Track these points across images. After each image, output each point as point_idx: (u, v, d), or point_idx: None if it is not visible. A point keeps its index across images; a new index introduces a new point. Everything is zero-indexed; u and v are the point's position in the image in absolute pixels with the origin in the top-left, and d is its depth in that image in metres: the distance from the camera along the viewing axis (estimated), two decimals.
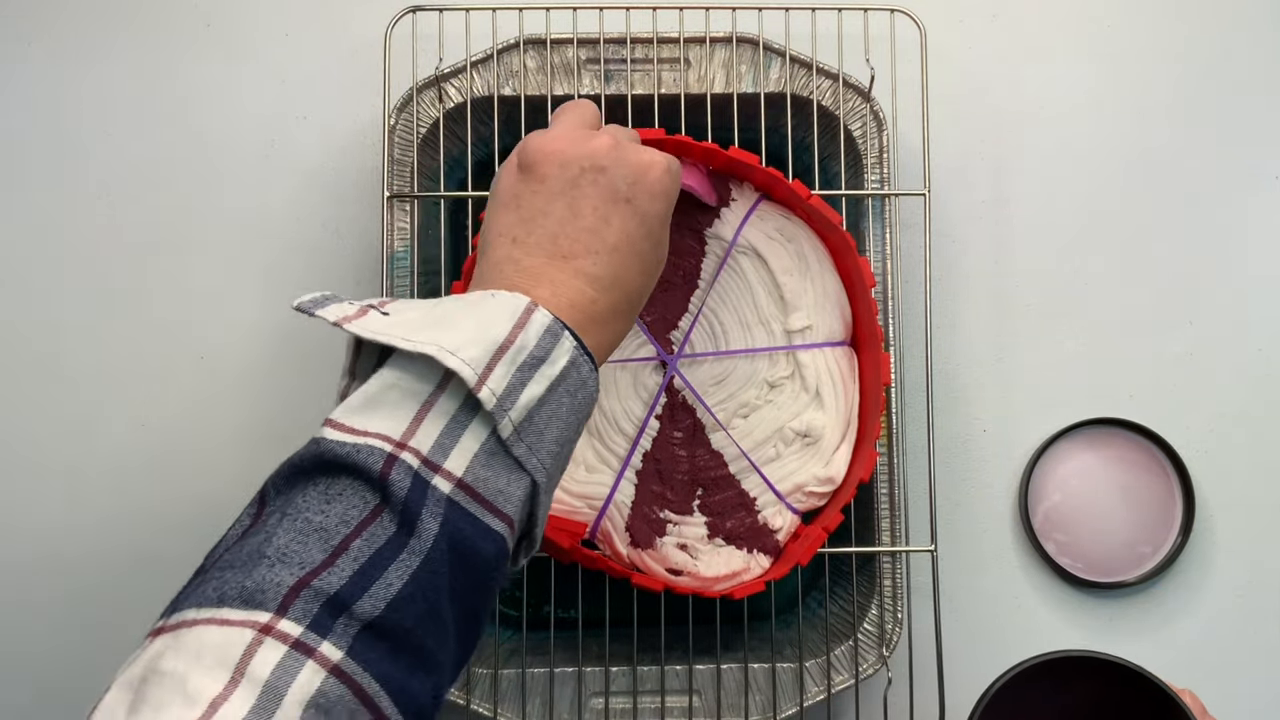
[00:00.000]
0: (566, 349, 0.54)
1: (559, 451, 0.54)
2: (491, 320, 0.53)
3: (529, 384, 0.52)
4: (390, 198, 0.78)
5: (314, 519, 0.49)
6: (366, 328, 0.52)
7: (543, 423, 0.53)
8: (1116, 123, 0.87)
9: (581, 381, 0.55)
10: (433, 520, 0.49)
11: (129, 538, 0.83)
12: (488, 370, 0.51)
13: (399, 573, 0.48)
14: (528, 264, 0.57)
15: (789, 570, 0.74)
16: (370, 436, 0.50)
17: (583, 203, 0.58)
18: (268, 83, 0.86)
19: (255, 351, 0.84)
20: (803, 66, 0.80)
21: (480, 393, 0.50)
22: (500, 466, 0.51)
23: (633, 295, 0.60)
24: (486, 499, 0.51)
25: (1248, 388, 0.85)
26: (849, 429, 0.77)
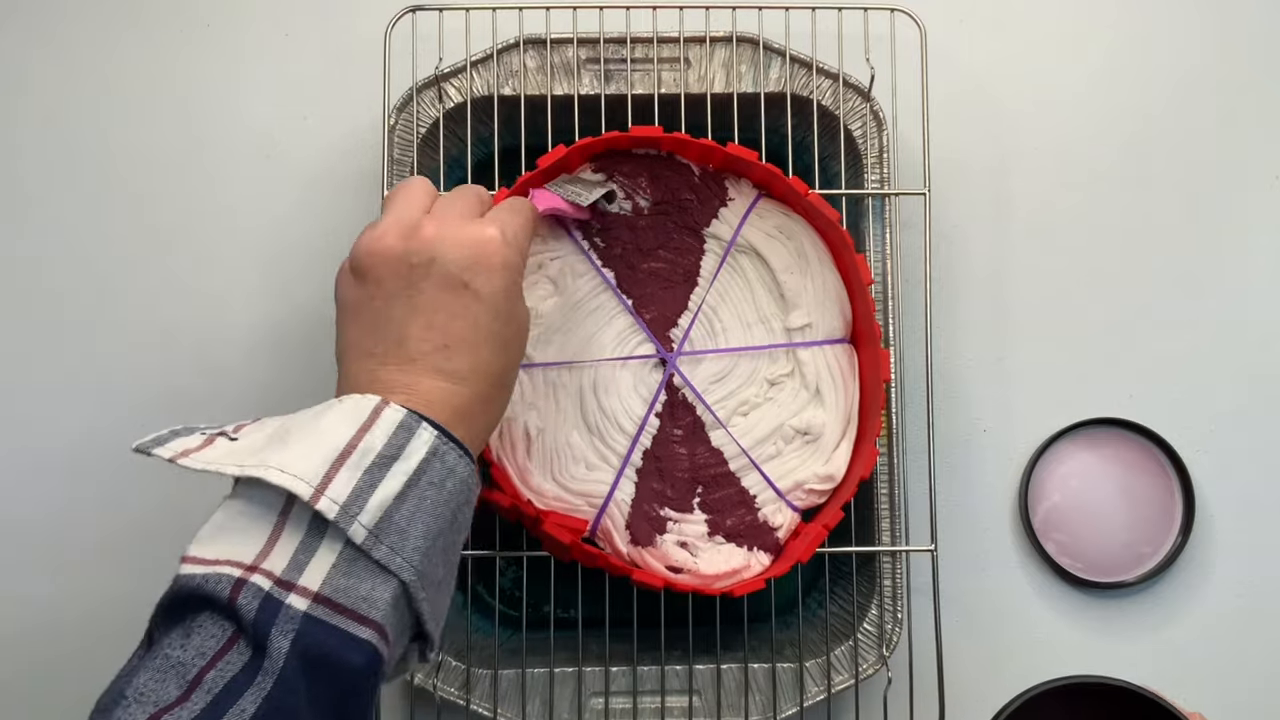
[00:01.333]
0: (424, 441, 0.54)
1: (429, 546, 0.53)
2: (333, 427, 0.53)
3: (381, 484, 0.52)
4: None
5: (173, 654, 0.49)
6: (201, 459, 0.52)
7: (404, 520, 0.52)
8: (1116, 123, 0.87)
9: (448, 470, 0.54)
10: (283, 639, 0.48)
11: (129, 537, 0.83)
12: (326, 480, 0.51)
13: (253, 697, 0.48)
14: (382, 374, 0.57)
15: (789, 568, 0.74)
16: (220, 564, 0.50)
17: (420, 299, 0.58)
18: (268, 83, 0.86)
19: (255, 351, 0.84)
20: (803, 66, 0.80)
21: (318, 504, 0.50)
22: (362, 573, 0.51)
23: (496, 377, 0.59)
24: (348, 608, 0.50)
25: (1248, 388, 0.85)
26: (849, 426, 0.77)
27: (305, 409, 0.56)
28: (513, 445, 0.75)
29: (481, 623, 0.82)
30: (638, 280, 0.77)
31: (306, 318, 0.85)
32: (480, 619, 0.82)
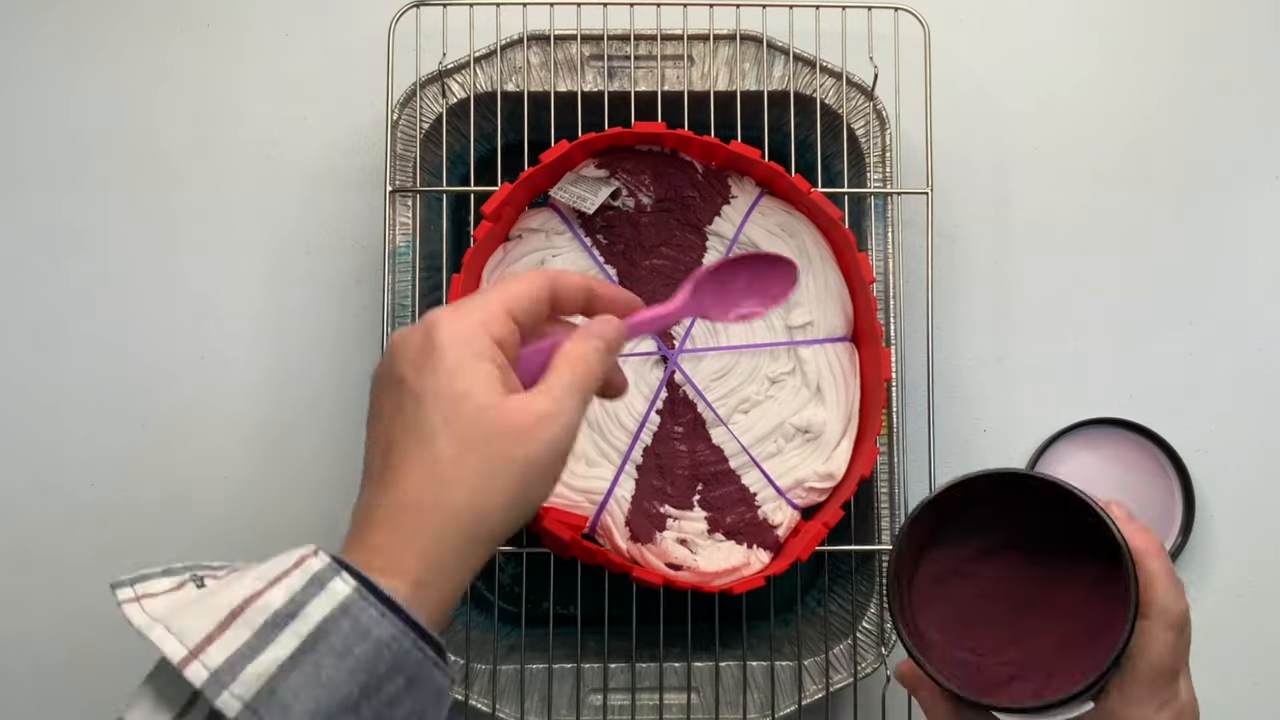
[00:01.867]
0: (334, 596, 0.45)
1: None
2: (246, 579, 0.45)
3: (269, 647, 0.43)
4: (393, 192, 0.78)
5: None
6: (140, 612, 0.45)
7: (290, 694, 0.43)
8: (1117, 122, 0.87)
9: (360, 633, 0.45)
10: None
11: (128, 537, 0.83)
12: (208, 641, 0.43)
13: None
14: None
15: (789, 565, 0.74)
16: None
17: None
18: (268, 83, 0.86)
19: (255, 351, 0.84)
20: (806, 64, 0.80)
21: (188, 668, 0.43)
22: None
23: (462, 512, 0.49)
24: None
25: (1248, 388, 0.85)
26: (850, 424, 0.77)
27: None
28: None
29: (480, 619, 0.82)
30: (640, 277, 0.77)
31: (307, 317, 0.85)
32: (479, 615, 0.82)
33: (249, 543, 0.83)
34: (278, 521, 0.83)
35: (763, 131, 0.79)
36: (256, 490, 0.84)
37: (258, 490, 0.84)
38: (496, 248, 0.77)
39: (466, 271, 0.73)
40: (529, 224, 0.77)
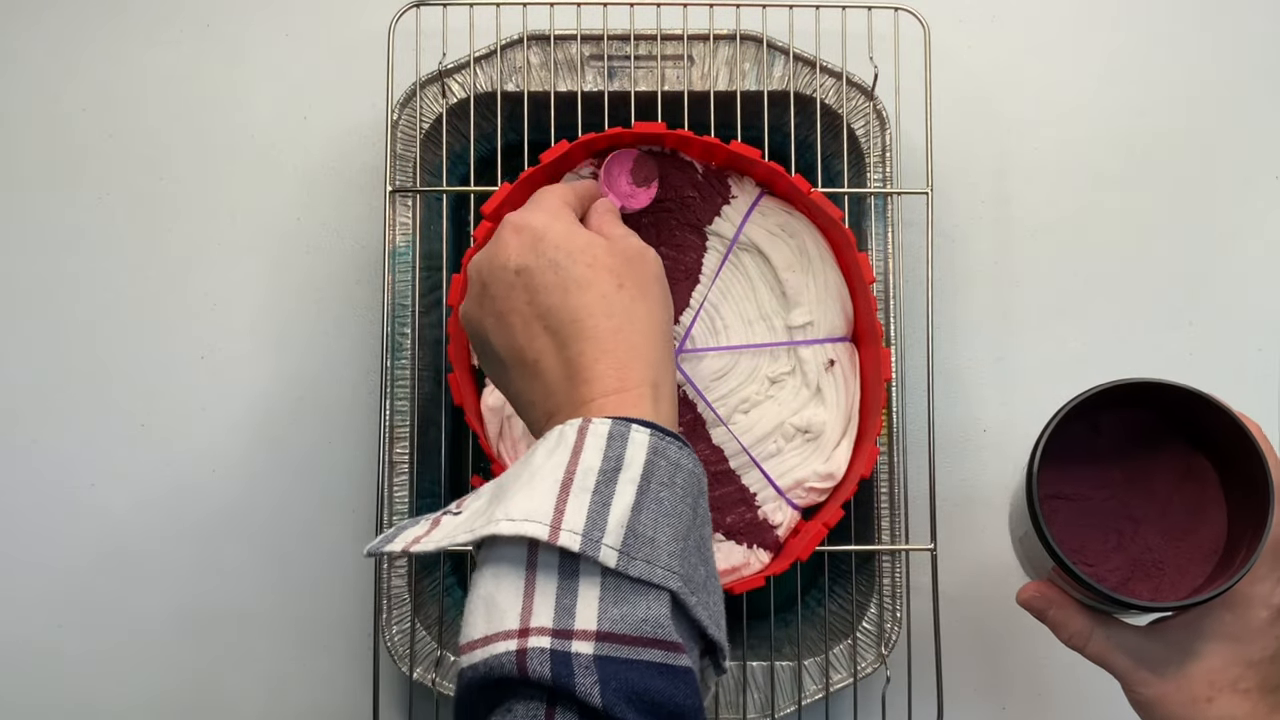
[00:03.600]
0: (640, 443, 0.51)
1: (682, 548, 0.50)
2: (545, 463, 0.51)
3: (613, 500, 0.49)
4: (392, 192, 0.78)
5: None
6: (432, 540, 0.51)
7: (649, 528, 0.49)
8: (1117, 122, 0.87)
9: (674, 466, 0.52)
10: (594, 692, 0.46)
11: (128, 537, 0.83)
12: (558, 514, 0.48)
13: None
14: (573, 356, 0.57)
15: (789, 566, 0.74)
16: (493, 641, 0.47)
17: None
18: (268, 83, 0.86)
19: (255, 351, 0.84)
20: (806, 64, 0.80)
21: (560, 540, 0.48)
22: (630, 596, 0.48)
23: (648, 326, 0.59)
24: (634, 636, 0.47)
25: (1248, 388, 0.85)
26: (850, 425, 0.77)
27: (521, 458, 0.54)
28: (513, 442, 0.75)
29: None
30: None
31: (307, 316, 0.85)
32: None
33: (250, 542, 0.83)
34: (278, 521, 0.83)
35: (763, 131, 0.79)
36: (257, 490, 0.84)
37: (258, 490, 0.84)
38: None
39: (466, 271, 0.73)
40: None
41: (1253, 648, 0.63)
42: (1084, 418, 0.67)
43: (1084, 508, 0.67)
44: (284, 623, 0.83)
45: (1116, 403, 0.66)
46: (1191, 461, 0.67)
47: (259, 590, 0.83)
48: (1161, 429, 0.67)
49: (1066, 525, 0.67)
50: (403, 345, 0.79)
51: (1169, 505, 0.67)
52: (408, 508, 0.77)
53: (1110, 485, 0.68)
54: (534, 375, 0.58)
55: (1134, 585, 0.66)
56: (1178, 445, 0.67)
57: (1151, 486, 0.67)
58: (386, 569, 0.77)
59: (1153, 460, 0.67)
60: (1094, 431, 0.68)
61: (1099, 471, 0.68)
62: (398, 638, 0.77)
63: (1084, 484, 0.68)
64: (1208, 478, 0.67)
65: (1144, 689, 0.64)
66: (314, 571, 0.83)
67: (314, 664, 0.83)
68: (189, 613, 0.83)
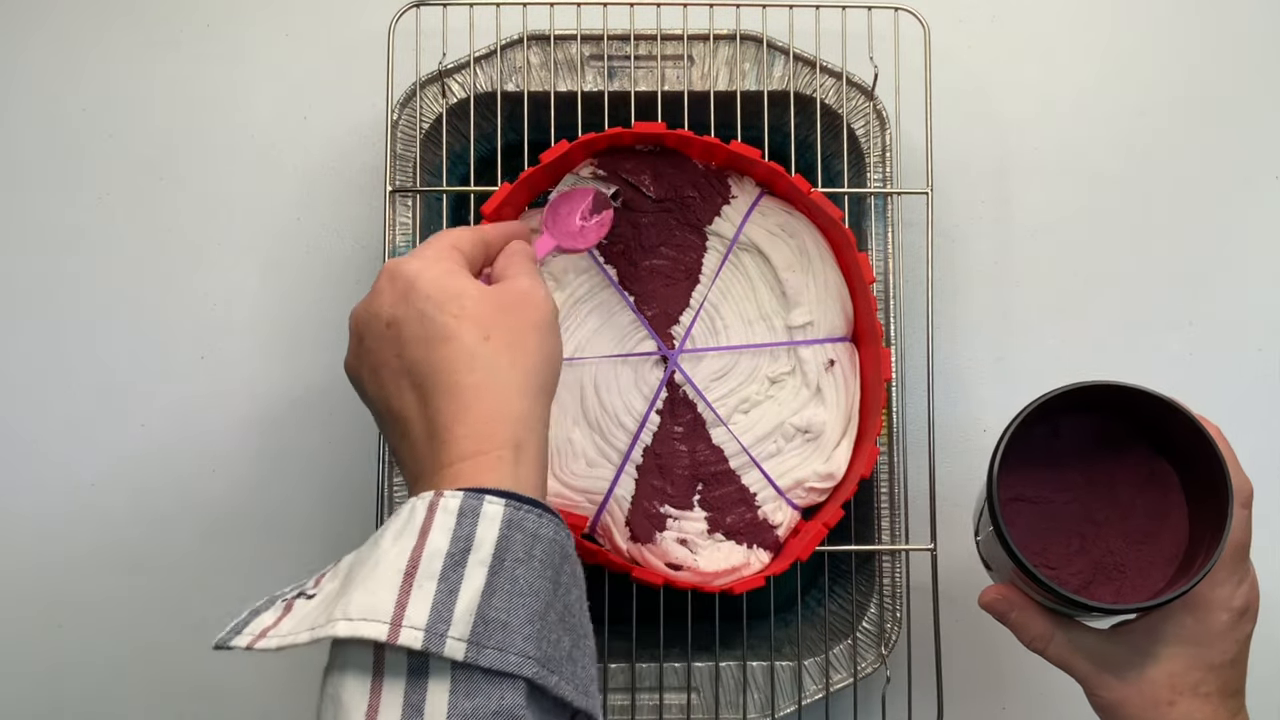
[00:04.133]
0: (492, 518, 0.49)
1: (541, 629, 0.48)
2: (390, 548, 0.48)
3: (461, 586, 0.47)
4: (392, 192, 0.78)
5: None
6: (279, 634, 0.48)
7: (502, 612, 0.47)
8: (1117, 122, 0.87)
9: (531, 538, 0.49)
10: None
11: (128, 538, 0.83)
12: (399, 609, 0.46)
13: None
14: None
15: (789, 566, 0.74)
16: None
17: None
18: (268, 83, 0.86)
19: (255, 351, 0.84)
20: (806, 64, 0.80)
21: (400, 639, 0.45)
22: (484, 687, 0.46)
23: (516, 379, 0.55)
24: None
25: (1248, 388, 0.85)
26: (850, 425, 0.77)
27: (370, 538, 0.52)
28: None
29: None
30: (639, 277, 0.77)
31: (307, 316, 0.85)
32: None
33: (250, 542, 0.83)
34: (278, 521, 0.83)
35: (763, 131, 0.79)
36: (257, 490, 0.84)
37: (258, 490, 0.84)
38: None
39: None
40: (529, 224, 0.77)
41: (1213, 651, 0.63)
42: (1046, 421, 0.67)
43: (1046, 511, 0.68)
44: None
45: (1079, 406, 0.66)
46: (1154, 466, 0.67)
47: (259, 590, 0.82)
48: (1124, 433, 0.68)
49: (1028, 528, 0.67)
50: None
51: (1131, 509, 0.67)
52: None
53: (1073, 489, 0.68)
54: (403, 434, 0.55)
55: (1095, 588, 0.66)
56: (1140, 449, 0.68)
57: (1114, 490, 0.68)
58: None
59: (1116, 464, 0.68)
60: (1056, 435, 0.68)
61: (1062, 475, 0.68)
62: None
63: (1046, 487, 0.68)
64: (1170, 482, 0.67)
65: (1105, 692, 0.65)
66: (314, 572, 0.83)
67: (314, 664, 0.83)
68: (189, 612, 0.83)
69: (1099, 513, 0.67)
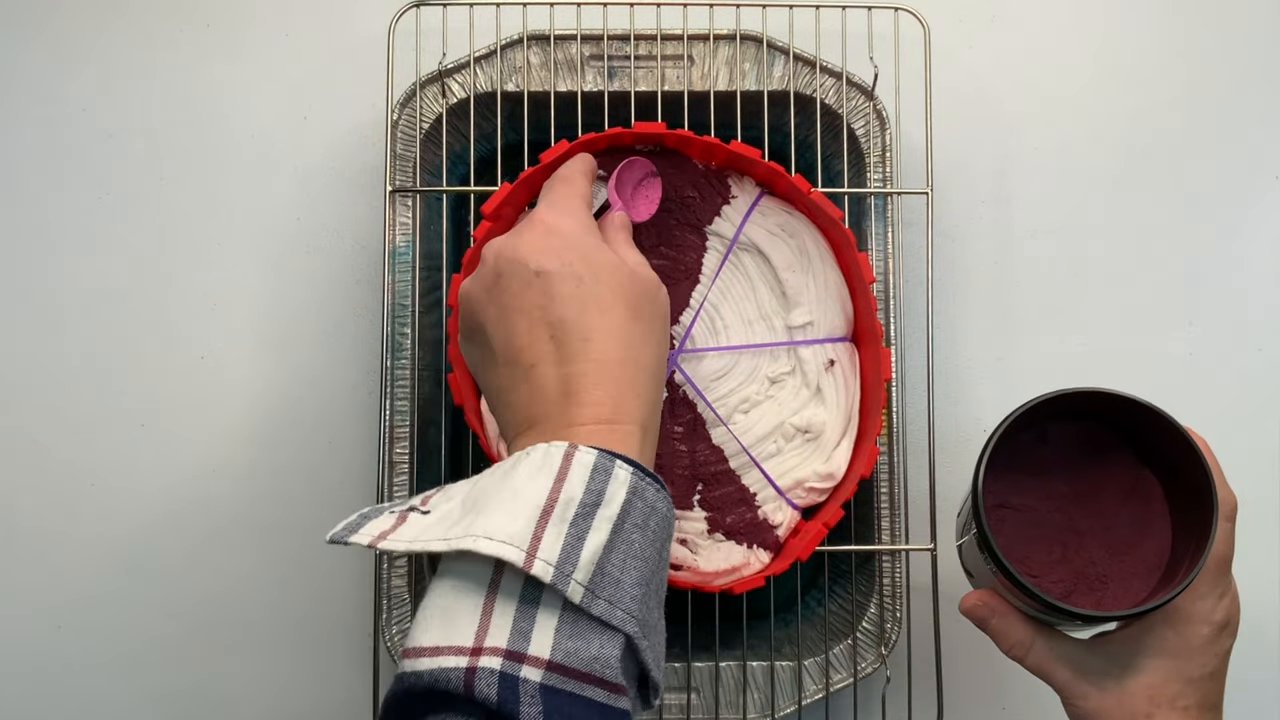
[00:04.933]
0: (622, 481, 0.51)
1: (644, 593, 0.51)
2: (528, 484, 0.50)
3: (588, 535, 0.49)
4: (392, 192, 0.78)
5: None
6: (401, 539, 0.51)
7: (617, 569, 0.50)
8: (1117, 122, 0.87)
9: (650, 509, 0.52)
10: (536, 717, 0.46)
11: (128, 538, 0.83)
12: (535, 541, 0.48)
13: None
14: (570, 374, 0.56)
15: (789, 566, 0.74)
16: (443, 654, 0.48)
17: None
18: (268, 83, 0.86)
19: (255, 351, 0.84)
20: (806, 64, 0.80)
21: (533, 568, 0.48)
22: (587, 632, 0.48)
23: (651, 364, 0.59)
24: (584, 672, 0.48)
25: (1248, 388, 0.85)
26: (850, 425, 0.77)
27: (491, 470, 0.54)
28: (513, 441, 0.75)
29: None
30: None
31: (307, 316, 0.85)
32: None
33: (250, 542, 0.83)
34: (278, 521, 0.83)
35: (763, 131, 0.79)
36: (257, 490, 0.84)
37: (258, 489, 0.84)
38: None
39: (466, 271, 0.73)
40: None
41: (1193, 665, 0.63)
42: (1033, 428, 0.67)
43: (1030, 519, 0.67)
44: (284, 622, 0.83)
45: (1065, 413, 0.66)
46: (1139, 476, 0.67)
47: (259, 590, 0.83)
48: (1110, 442, 0.68)
49: (1012, 535, 0.67)
50: (403, 345, 0.79)
51: (1115, 519, 0.67)
52: None
53: (1057, 497, 0.68)
54: (525, 379, 0.57)
55: (1077, 597, 0.66)
56: (1126, 459, 0.67)
57: (1098, 500, 0.67)
58: (387, 569, 0.77)
59: (1101, 473, 0.68)
60: (1043, 442, 0.68)
61: (1046, 483, 0.68)
62: (398, 638, 0.77)
63: (1031, 495, 0.68)
64: (1154, 493, 0.67)
65: (1083, 702, 0.65)
66: (314, 571, 0.83)
67: (314, 664, 0.83)
68: (189, 613, 0.83)
69: (1082, 522, 0.67)
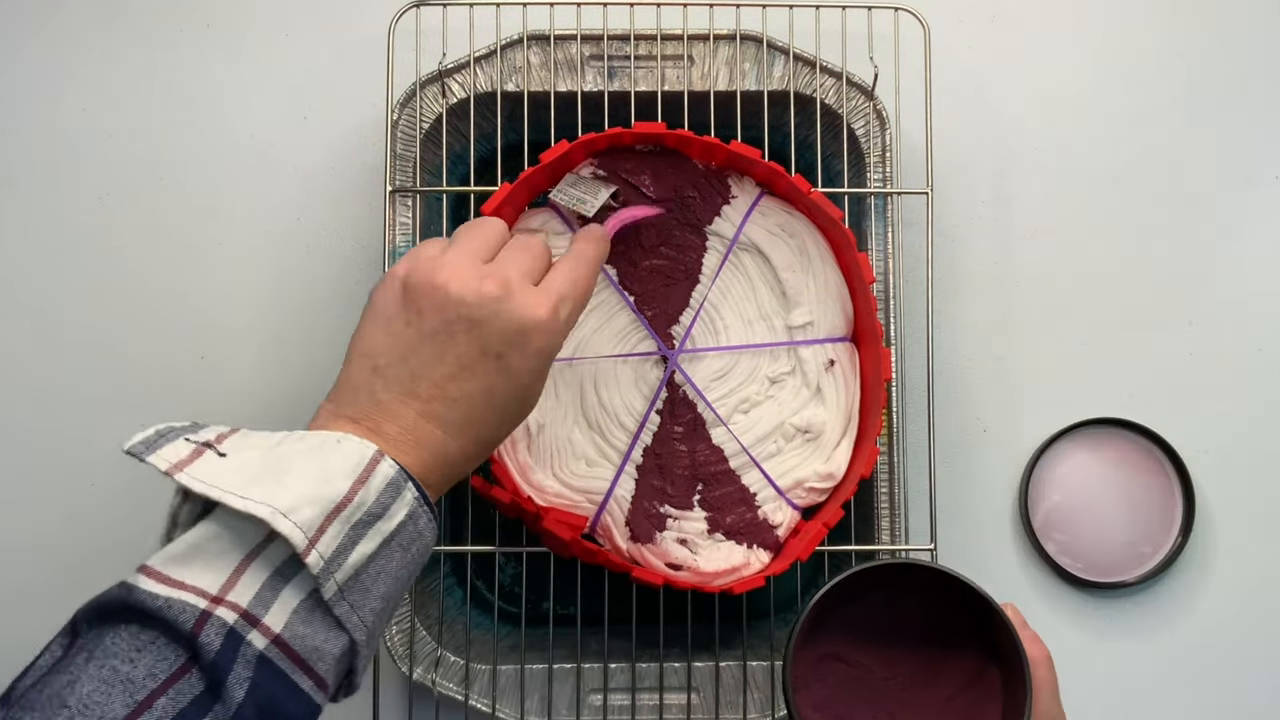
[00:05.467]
0: (406, 502, 0.54)
1: (383, 608, 0.54)
2: (333, 473, 0.52)
3: (360, 542, 0.52)
4: (393, 192, 0.78)
5: (121, 668, 0.48)
6: (199, 478, 0.51)
7: (369, 580, 0.53)
8: (1117, 122, 0.87)
9: (417, 534, 0.55)
10: (240, 687, 0.48)
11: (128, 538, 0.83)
12: (319, 532, 0.51)
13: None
14: (383, 398, 0.57)
15: (789, 566, 0.74)
16: (186, 590, 0.49)
17: (449, 351, 0.57)
18: (268, 83, 0.86)
19: (256, 351, 0.84)
20: (806, 64, 0.80)
21: (309, 558, 0.50)
22: (319, 624, 0.51)
23: (486, 443, 0.60)
24: (301, 657, 0.51)
25: (1248, 388, 0.85)
26: (850, 425, 0.77)
27: (293, 433, 0.55)
28: (513, 441, 0.75)
29: (481, 619, 0.82)
30: (639, 277, 0.77)
31: (307, 316, 0.84)
32: (479, 615, 0.82)
33: None
34: None
35: (763, 131, 0.79)
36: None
37: None
38: None
39: None
40: (529, 224, 0.77)
41: None
42: (886, 590, 0.66)
43: (861, 678, 0.66)
44: None
45: (923, 590, 0.65)
46: (984, 671, 0.65)
47: None
48: (961, 629, 0.66)
49: (837, 689, 0.66)
50: None
51: (949, 706, 0.66)
52: None
53: (897, 665, 0.67)
54: (380, 370, 0.58)
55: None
56: (974, 650, 0.66)
57: (937, 682, 0.66)
58: None
59: (947, 657, 0.66)
60: (895, 608, 0.67)
61: (891, 650, 0.67)
62: (398, 638, 0.77)
63: (870, 654, 0.67)
64: (994, 686, 0.65)
65: None
66: None
67: None
68: None
69: (916, 700, 0.66)
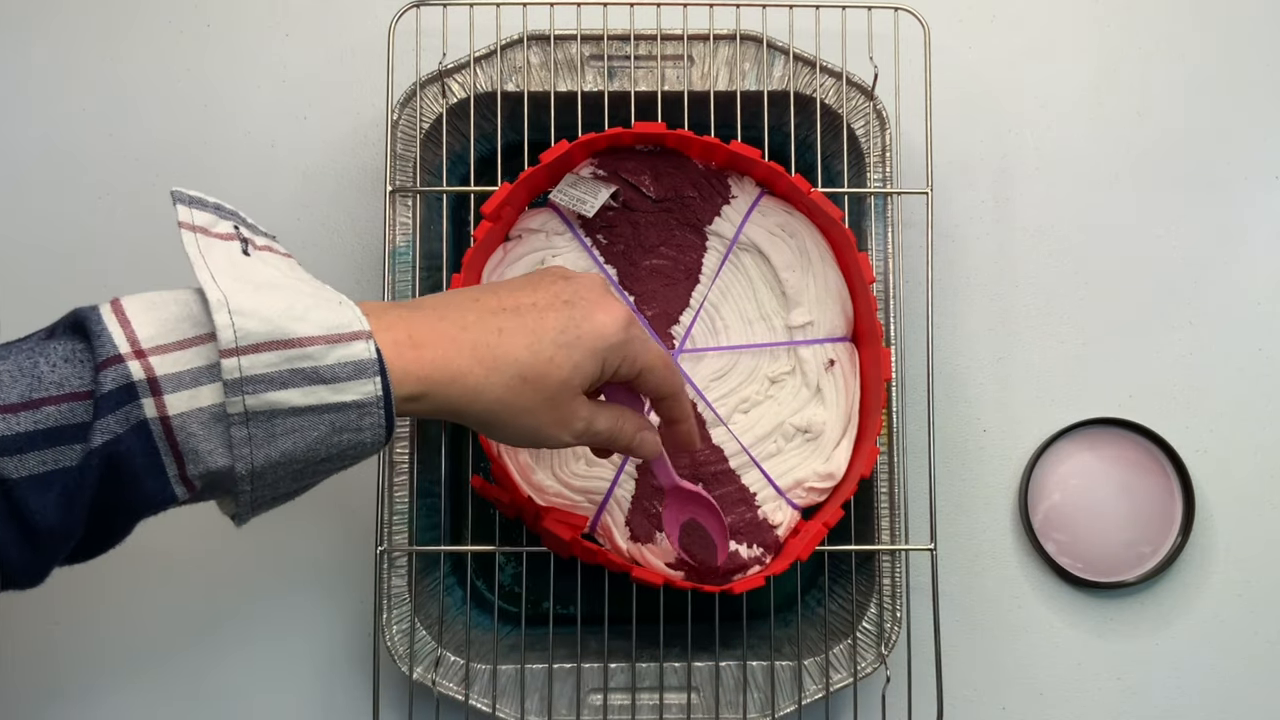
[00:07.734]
0: (363, 389, 0.51)
1: (280, 463, 0.51)
2: (306, 317, 0.51)
3: (291, 387, 0.50)
4: (393, 192, 0.78)
5: (40, 367, 0.49)
6: (197, 247, 0.52)
7: (281, 428, 0.50)
8: (1117, 122, 0.87)
9: (354, 426, 0.51)
10: (101, 434, 0.47)
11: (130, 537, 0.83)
12: (253, 349, 0.49)
13: (53, 459, 0.47)
14: (426, 303, 0.57)
15: (789, 565, 0.74)
16: (125, 330, 0.49)
17: (532, 288, 0.59)
18: (268, 83, 0.86)
19: None
20: (806, 64, 0.80)
21: (225, 360, 0.48)
22: (213, 435, 0.49)
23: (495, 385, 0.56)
24: (179, 449, 0.49)
25: (1248, 388, 0.85)
26: (850, 425, 0.77)
27: (322, 285, 0.55)
28: None
29: (481, 618, 0.82)
30: (639, 277, 0.77)
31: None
32: (479, 615, 0.82)
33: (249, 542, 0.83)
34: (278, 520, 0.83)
35: (763, 131, 0.79)
36: None
37: None
38: (496, 247, 0.77)
39: (467, 271, 0.73)
40: (529, 224, 0.78)
41: None
42: None
43: None
44: (284, 622, 0.83)
45: None
46: None
47: (259, 590, 0.83)
48: None
49: None
50: None
51: None
52: (407, 507, 0.77)
53: None
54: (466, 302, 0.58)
55: None
56: None
57: None
58: (387, 569, 0.77)
59: None
60: None
61: None
62: (398, 638, 0.77)
63: None
64: None
65: None
66: (314, 571, 0.83)
67: (314, 664, 0.83)
68: (189, 612, 0.83)
69: None
